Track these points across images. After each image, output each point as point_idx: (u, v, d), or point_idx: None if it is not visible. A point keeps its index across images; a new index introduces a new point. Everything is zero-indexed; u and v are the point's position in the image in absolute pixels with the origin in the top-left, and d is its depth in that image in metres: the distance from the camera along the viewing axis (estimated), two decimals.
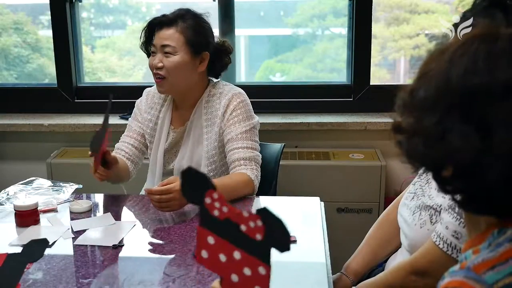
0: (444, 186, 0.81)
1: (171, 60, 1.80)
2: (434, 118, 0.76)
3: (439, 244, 1.23)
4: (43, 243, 1.37)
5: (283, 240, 0.78)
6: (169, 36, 1.80)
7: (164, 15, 1.84)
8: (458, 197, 0.80)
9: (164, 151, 1.92)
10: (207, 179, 0.85)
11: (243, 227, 0.81)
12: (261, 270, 0.82)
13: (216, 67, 1.90)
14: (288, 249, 0.77)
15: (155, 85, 1.91)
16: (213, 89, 1.89)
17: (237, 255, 0.84)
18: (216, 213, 0.85)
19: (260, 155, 1.84)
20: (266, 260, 0.81)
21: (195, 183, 0.86)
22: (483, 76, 0.74)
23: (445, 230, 1.23)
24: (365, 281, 1.41)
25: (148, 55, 1.89)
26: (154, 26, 1.85)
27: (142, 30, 1.88)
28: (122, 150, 1.94)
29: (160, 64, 1.81)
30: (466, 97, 0.75)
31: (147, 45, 1.88)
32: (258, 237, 0.80)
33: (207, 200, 0.85)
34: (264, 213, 0.78)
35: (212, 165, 1.86)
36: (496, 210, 0.79)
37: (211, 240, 0.87)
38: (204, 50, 1.84)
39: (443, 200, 1.28)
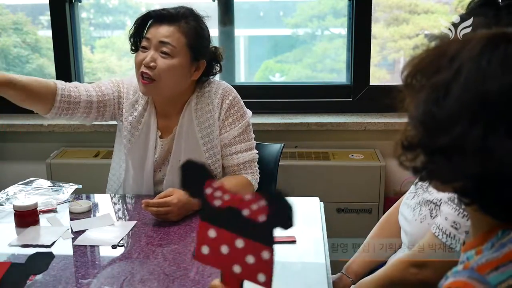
0: (465, 197, 0.77)
1: (167, 62, 1.62)
2: (477, 133, 0.70)
3: (439, 235, 1.25)
4: (48, 257, 1.37)
5: (287, 217, 0.78)
6: (170, 33, 1.62)
7: (165, 9, 1.67)
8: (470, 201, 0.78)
9: (153, 162, 1.77)
10: (207, 169, 0.85)
11: (245, 212, 0.81)
12: (265, 254, 0.81)
13: (207, 75, 1.75)
14: (291, 225, 0.77)
15: (135, 80, 1.70)
16: (201, 89, 1.75)
17: (239, 243, 0.83)
18: (217, 203, 0.85)
19: (257, 152, 1.82)
20: (269, 243, 0.81)
21: (194, 176, 0.86)
22: None
23: (444, 221, 1.24)
24: (365, 278, 1.42)
25: (135, 50, 1.71)
26: (151, 19, 1.68)
27: (136, 21, 1.70)
28: (74, 86, 1.69)
29: (152, 64, 1.61)
30: (508, 106, 0.70)
31: (137, 38, 1.70)
32: (261, 218, 0.80)
33: (208, 191, 0.85)
34: (266, 193, 0.79)
35: (216, 170, 1.78)
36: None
37: (212, 233, 0.87)
38: (202, 57, 1.69)
39: (443, 194, 1.28)
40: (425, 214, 1.33)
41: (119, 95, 1.77)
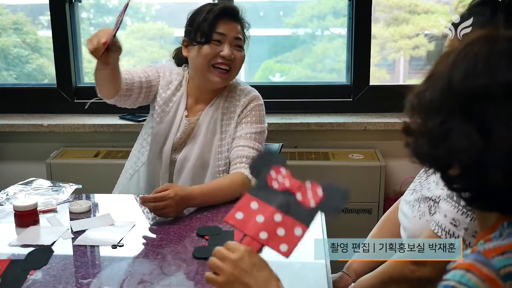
0: (451, 185, 0.85)
1: (241, 54, 1.85)
2: (438, 120, 0.80)
3: (438, 232, 1.25)
4: (48, 252, 1.38)
5: (336, 207, 0.92)
6: (240, 29, 1.85)
7: (231, 6, 1.86)
8: (466, 194, 0.84)
9: (173, 140, 1.87)
10: (281, 157, 1.00)
11: (298, 196, 0.93)
12: (297, 231, 0.92)
13: None
14: (337, 212, 0.92)
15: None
16: (233, 87, 1.90)
17: (278, 217, 0.94)
18: (275, 185, 0.97)
19: None
20: (307, 223, 0.92)
21: (269, 159, 1.01)
22: (483, 78, 0.77)
23: (443, 219, 1.25)
24: (364, 276, 1.42)
25: (204, 42, 1.80)
26: (223, 14, 1.81)
27: (209, 14, 1.80)
28: (126, 72, 1.84)
29: (233, 56, 1.82)
30: (467, 99, 0.78)
31: (208, 30, 1.79)
32: (312, 204, 0.92)
33: (272, 174, 0.98)
34: (327, 185, 0.92)
35: (221, 160, 1.84)
36: (500, 206, 0.83)
37: (254, 205, 0.98)
38: None
39: (442, 191, 1.29)
40: (424, 211, 1.34)
41: (158, 75, 1.93)
